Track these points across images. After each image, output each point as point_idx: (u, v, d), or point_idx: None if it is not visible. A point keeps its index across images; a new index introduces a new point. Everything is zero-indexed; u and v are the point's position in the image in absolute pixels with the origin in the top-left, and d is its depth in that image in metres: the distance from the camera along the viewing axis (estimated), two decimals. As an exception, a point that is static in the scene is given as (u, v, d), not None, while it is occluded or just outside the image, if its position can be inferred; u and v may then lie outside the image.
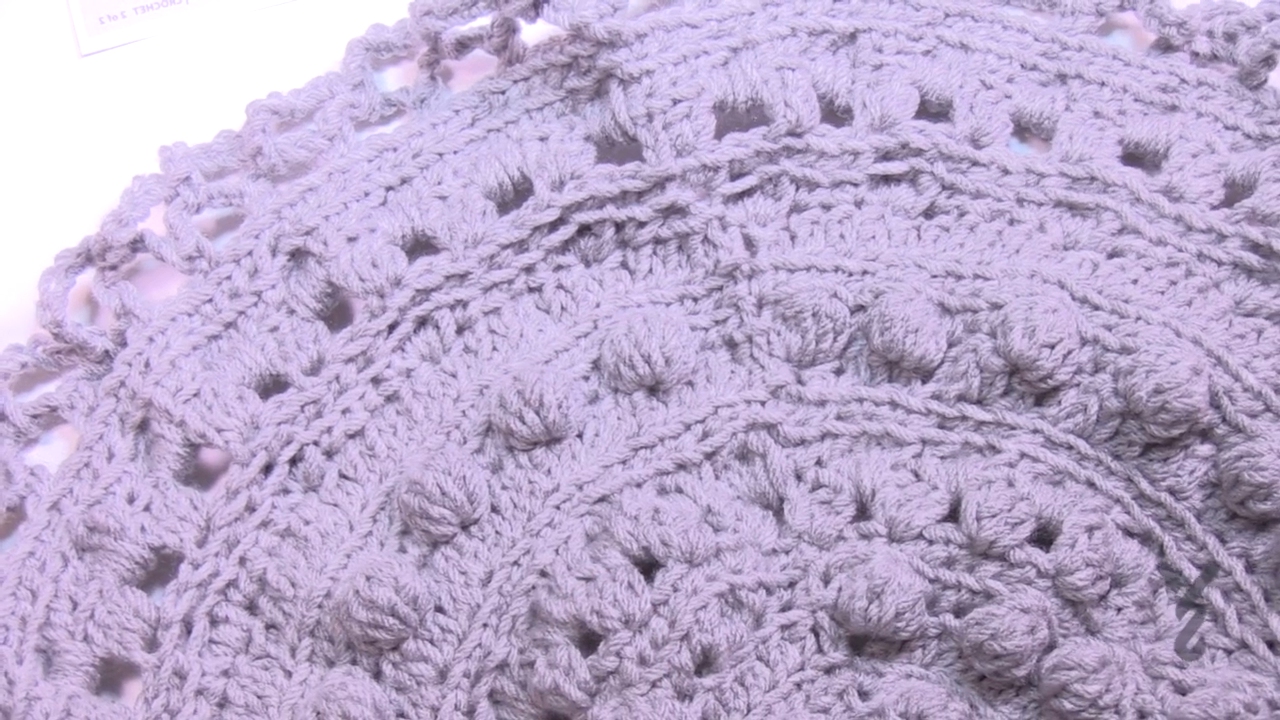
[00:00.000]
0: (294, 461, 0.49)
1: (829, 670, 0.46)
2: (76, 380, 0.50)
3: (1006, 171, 0.51)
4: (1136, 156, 0.52)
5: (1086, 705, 0.44)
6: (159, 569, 0.49)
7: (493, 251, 0.50)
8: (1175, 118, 0.52)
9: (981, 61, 0.52)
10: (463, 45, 0.53)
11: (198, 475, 0.50)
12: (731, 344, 0.50)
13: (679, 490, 0.48)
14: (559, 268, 0.51)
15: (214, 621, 0.47)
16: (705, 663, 0.46)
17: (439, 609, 0.47)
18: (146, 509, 0.48)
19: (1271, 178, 0.51)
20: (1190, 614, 0.48)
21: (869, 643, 0.46)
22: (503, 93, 0.53)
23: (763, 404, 0.49)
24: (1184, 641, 0.46)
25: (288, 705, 0.47)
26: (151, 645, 0.47)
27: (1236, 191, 0.51)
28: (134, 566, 0.48)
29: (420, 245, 0.51)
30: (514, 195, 0.51)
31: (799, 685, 0.46)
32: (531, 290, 0.51)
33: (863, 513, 0.48)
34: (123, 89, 0.56)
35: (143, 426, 0.49)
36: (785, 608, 0.46)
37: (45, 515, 0.49)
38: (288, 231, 0.51)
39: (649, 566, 0.47)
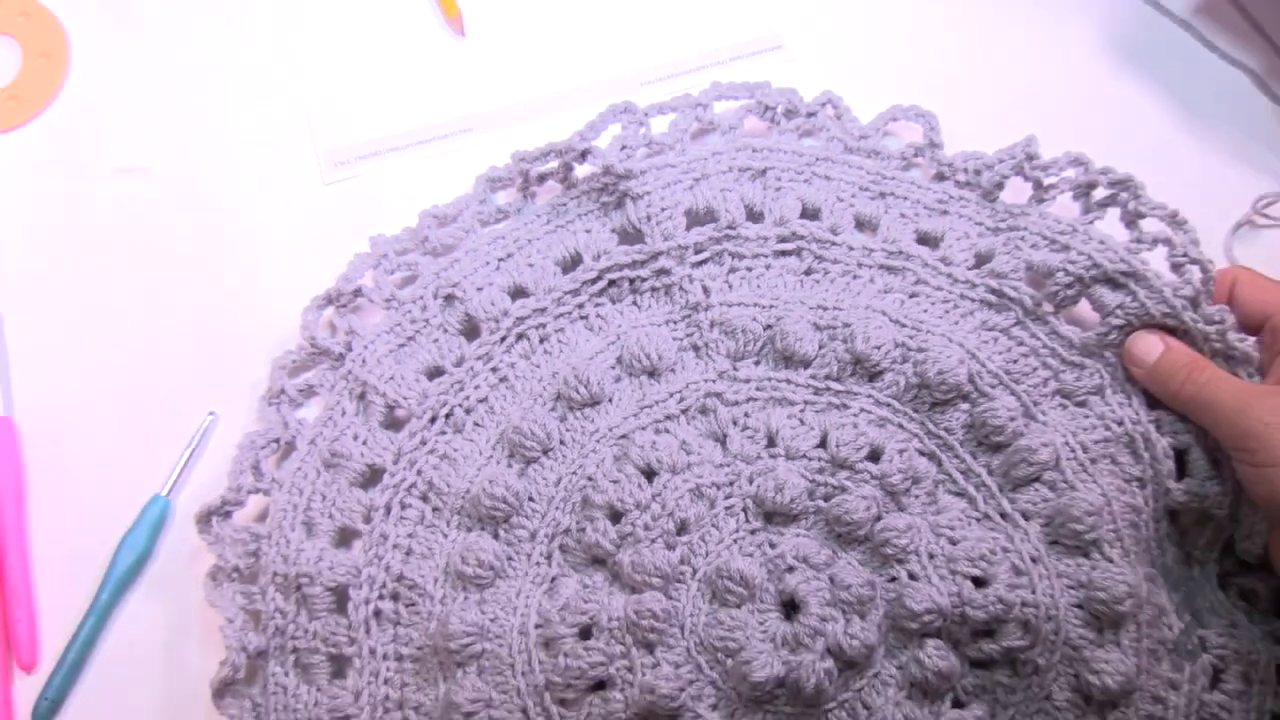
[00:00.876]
0: (448, 416, 0.55)
1: (753, 532, 0.53)
2: (323, 370, 0.57)
3: (851, 248, 0.57)
4: (925, 240, 0.58)
5: (900, 550, 0.51)
6: (371, 478, 0.55)
7: (559, 296, 0.57)
8: (946, 218, 0.58)
9: (837, 186, 0.58)
10: (541, 178, 0.59)
11: (392, 424, 0.56)
12: (695, 348, 0.56)
13: (667, 431, 0.54)
14: (598, 305, 0.57)
15: (403, 506, 0.54)
16: (682, 529, 0.52)
17: (530, 499, 0.53)
18: (364, 443, 0.55)
19: (1002, 253, 0.57)
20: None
21: (775, 517, 0.53)
22: (565, 205, 0.58)
23: (714, 381, 0.55)
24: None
25: (444, 553, 0.53)
26: (367, 520, 0.54)
27: (981, 260, 0.57)
28: (357, 476, 0.55)
29: (518, 292, 0.57)
30: (572, 264, 0.57)
31: (735, 540, 0.52)
32: (582, 318, 0.57)
33: (771, 443, 0.54)
34: (350, 205, 0.59)
35: (362, 396, 0.56)
36: (727, 497, 0.53)
37: (307, 447, 0.55)
38: (443, 285, 0.57)
39: (650, 474, 0.53)
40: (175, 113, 0.61)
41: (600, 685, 0.50)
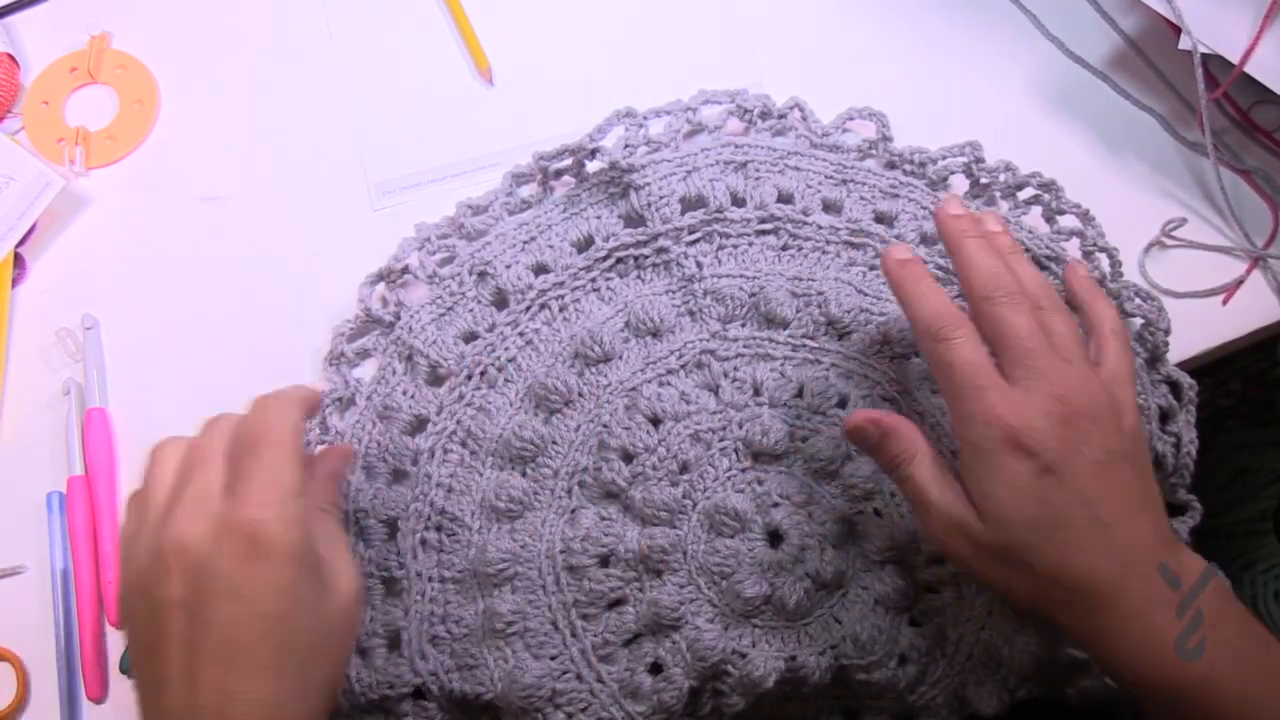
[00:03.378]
0: (482, 373, 0.55)
1: (743, 470, 0.52)
2: (376, 336, 0.56)
3: (820, 227, 0.56)
4: (881, 219, 0.57)
5: (866, 492, 0.51)
6: (418, 426, 0.54)
7: (575, 272, 0.56)
8: (899, 201, 0.57)
9: (806, 175, 0.57)
10: (558, 173, 0.58)
11: (435, 381, 0.55)
12: (691, 313, 0.55)
13: (669, 384, 0.53)
14: (608, 279, 0.56)
15: (445, 450, 0.53)
16: (683, 468, 0.51)
17: (553, 443, 0.53)
18: (412, 397, 0.54)
19: (946, 234, 0.55)
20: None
21: (760, 456, 0.52)
22: (579, 195, 0.58)
23: (707, 341, 0.54)
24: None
25: (480, 489, 0.53)
26: (415, 462, 0.53)
27: (930, 239, 0.56)
28: (406, 425, 0.54)
29: (541, 269, 0.56)
30: (585, 245, 0.56)
31: (729, 478, 0.52)
32: (594, 290, 0.56)
33: (756, 393, 0.53)
34: (394, 227, 0.59)
35: (410, 358, 0.55)
36: (721, 440, 0.52)
37: (364, 402, 0.55)
38: (477, 263, 0.56)
39: (656, 421, 0.52)
40: (248, 150, 0.61)
41: (617, 602, 0.50)
